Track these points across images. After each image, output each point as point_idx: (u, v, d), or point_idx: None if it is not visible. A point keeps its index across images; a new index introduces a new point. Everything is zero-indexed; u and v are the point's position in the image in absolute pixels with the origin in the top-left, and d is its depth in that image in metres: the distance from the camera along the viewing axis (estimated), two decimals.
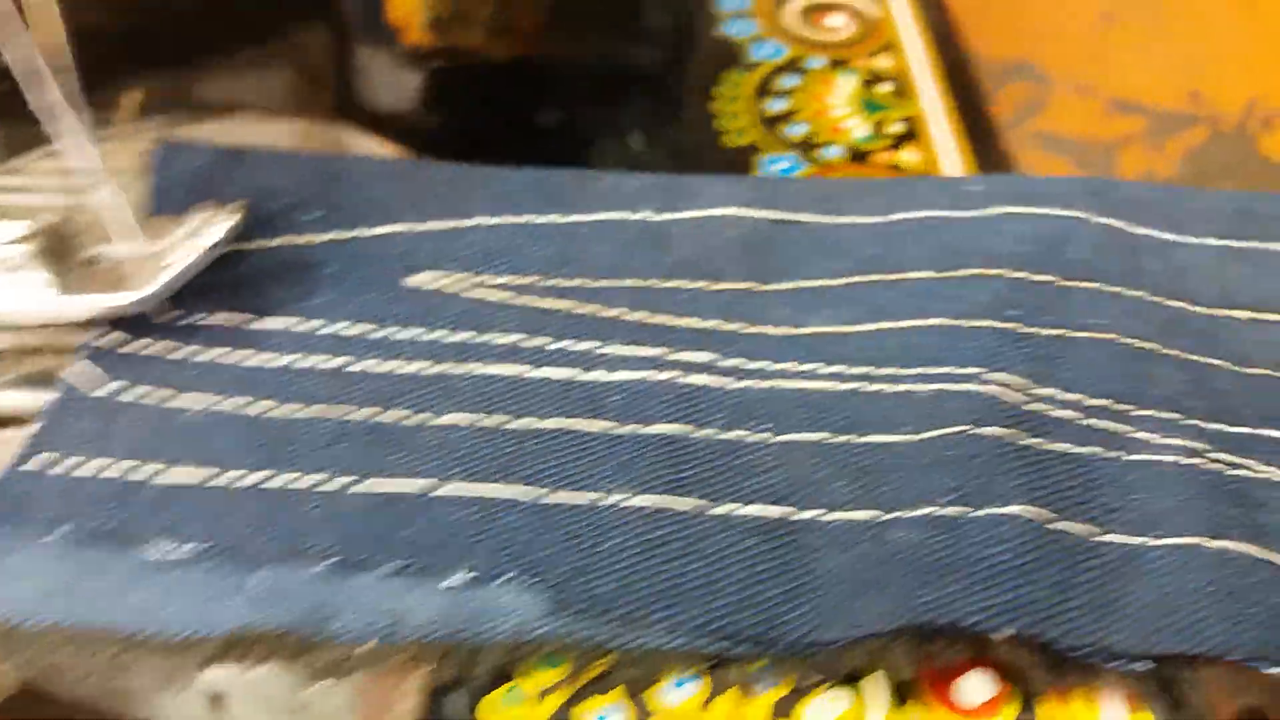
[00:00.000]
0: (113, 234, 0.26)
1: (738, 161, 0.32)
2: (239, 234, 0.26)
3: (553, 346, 0.26)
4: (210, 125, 0.35)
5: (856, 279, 0.28)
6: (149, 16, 0.35)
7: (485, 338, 0.26)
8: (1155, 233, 0.29)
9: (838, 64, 0.36)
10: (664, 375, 0.25)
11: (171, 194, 0.29)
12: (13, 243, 0.25)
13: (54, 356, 0.27)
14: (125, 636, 0.21)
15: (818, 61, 0.36)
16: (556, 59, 0.38)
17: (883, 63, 0.36)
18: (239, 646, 0.21)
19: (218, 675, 0.36)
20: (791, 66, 0.36)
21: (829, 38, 0.37)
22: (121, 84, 0.32)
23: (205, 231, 0.25)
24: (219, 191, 0.28)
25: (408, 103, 0.36)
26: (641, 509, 0.23)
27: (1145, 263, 0.28)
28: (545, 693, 0.21)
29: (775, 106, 0.34)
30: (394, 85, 0.36)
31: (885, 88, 0.35)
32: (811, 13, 0.38)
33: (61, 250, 0.26)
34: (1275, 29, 0.49)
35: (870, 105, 0.34)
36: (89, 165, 0.25)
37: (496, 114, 0.35)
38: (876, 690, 0.21)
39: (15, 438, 0.27)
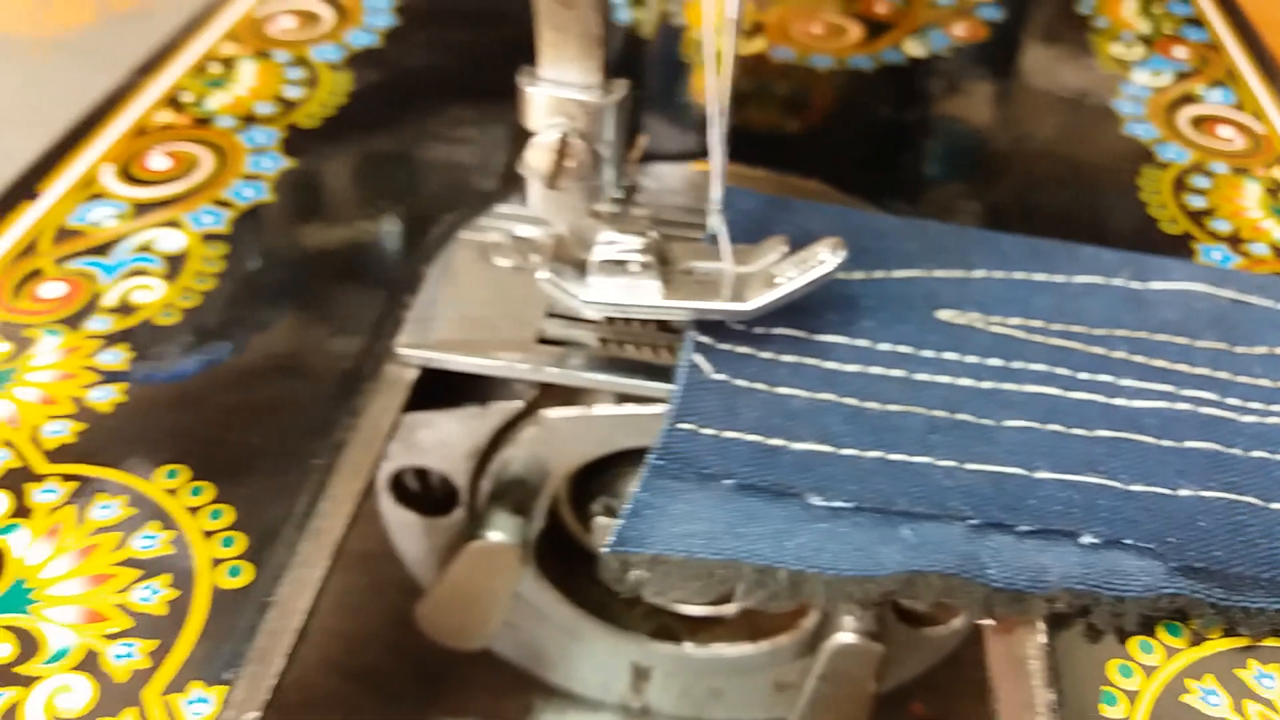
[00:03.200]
0: (715, 256, 0.31)
1: (1179, 246, 0.37)
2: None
3: (1078, 376, 0.31)
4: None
5: None
6: None
7: (1016, 364, 0.31)
8: None
9: (1239, 171, 0.41)
10: (1180, 406, 0.30)
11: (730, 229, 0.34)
12: (633, 252, 0.30)
13: (648, 349, 0.32)
14: (793, 572, 0.26)
15: (1220, 167, 0.41)
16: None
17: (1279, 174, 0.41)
18: (903, 587, 0.26)
19: (645, 650, 0.40)
20: (1198, 169, 0.40)
21: (1225, 147, 0.42)
22: None
23: (814, 260, 0.30)
24: (768, 230, 0.33)
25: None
26: (1214, 500, 0.27)
27: None
28: (1152, 669, 0.25)
29: (1195, 203, 0.39)
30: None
31: None
32: (1203, 122, 0.43)
33: (665, 261, 0.31)
34: None
35: (1279, 211, 0.39)
36: (715, 196, 0.30)
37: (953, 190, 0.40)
38: None
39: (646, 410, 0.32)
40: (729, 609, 0.40)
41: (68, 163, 0.36)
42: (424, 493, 0.37)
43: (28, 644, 0.24)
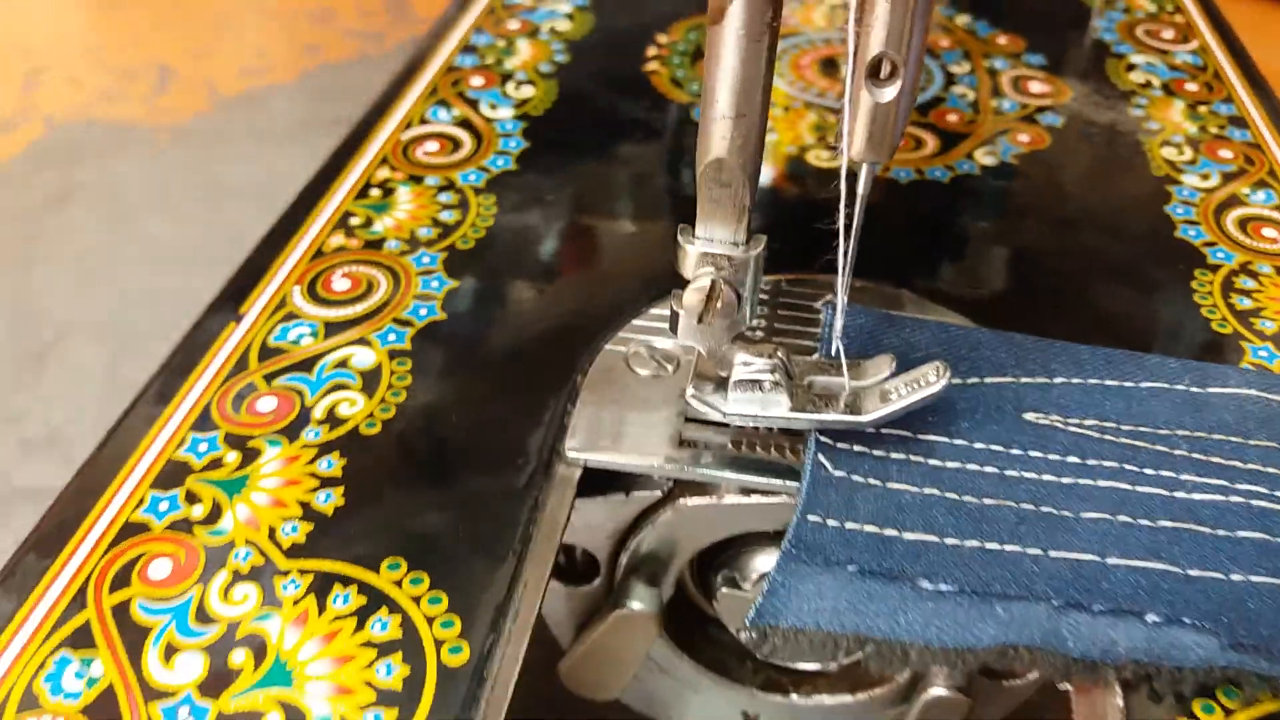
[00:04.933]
0: (831, 370, 0.37)
1: (1230, 344, 0.42)
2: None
3: (1144, 472, 0.36)
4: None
5: None
6: None
7: (1091, 461, 0.36)
8: None
9: None
10: (1234, 499, 0.35)
11: (834, 342, 0.39)
12: (764, 371, 0.36)
13: (773, 449, 0.37)
14: (904, 644, 0.31)
15: (1265, 268, 0.46)
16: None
17: None
18: (999, 657, 0.31)
19: (754, 701, 0.45)
20: (1245, 270, 0.45)
21: (1270, 248, 0.47)
22: None
23: (925, 381, 0.35)
24: (872, 345, 0.39)
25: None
26: (1262, 584, 0.32)
27: None
28: None
29: (1243, 303, 0.44)
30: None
31: None
32: (1249, 223, 0.48)
33: (790, 377, 0.36)
34: None
35: None
36: (838, 326, 0.36)
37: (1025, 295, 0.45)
38: None
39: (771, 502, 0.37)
40: (831, 665, 0.45)
41: (263, 285, 0.43)
42: (568, 564, 0.43)
43: (294, 715, 0.30)
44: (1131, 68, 0.60)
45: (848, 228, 0.33)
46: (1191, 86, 0.58)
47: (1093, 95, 0.57)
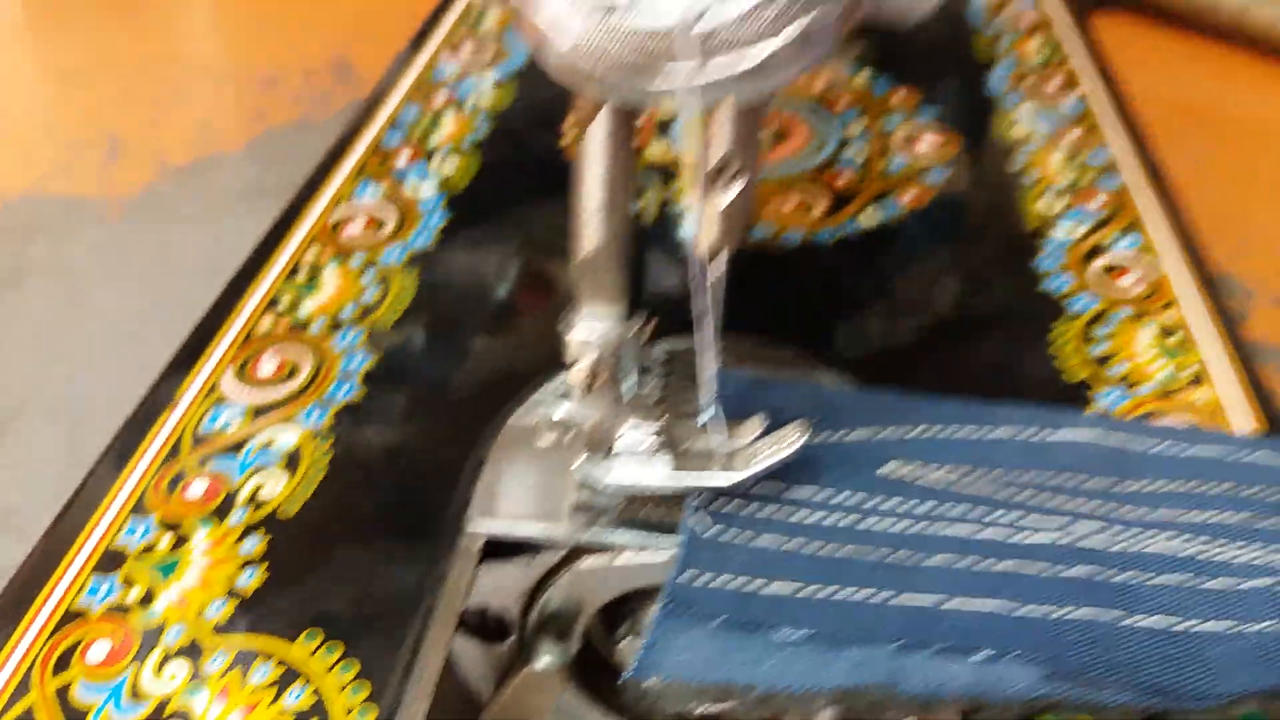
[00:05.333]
0: (708, 434, 0.40)
1: (1075, 394, 0.46)
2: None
3: (988, 517, 0.40)
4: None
5: (1186, 486, 0.41)
6: None
7: (942, 508, 0.40)
8: None
9: (1138, 316, 0.49)
10: (1068, 539, 0.39)
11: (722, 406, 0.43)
12: (649, 436, 0.39)
13: (662, 509, 0.41)
14: (764, 690, 0.35)
15: (1124, 312, 0.50)
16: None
17: (1169, 317, 0.49)
18: (844, 698, 0.35)
19: None
20: (1102, 317, 0.49)
21: (1125, 295, 0.51)
22: None
23: (786, 440, 0.39)
24: (748, 407, 0.43)
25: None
26: (1081, 619, 0.36)
27: None
28: None
29: (1097, 350, 0.48)
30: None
31: (1174, 339, 0.48)
32: (1110, 272, 0.52)
33: (672, 442, 0.40)
34: None
35: (1168, 352, 0.48)
36: (708, 390, 0.40)
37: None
38: None
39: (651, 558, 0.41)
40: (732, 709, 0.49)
41: (195, 370, 0.46)
42: (483, 624, 0.46)
43: None
44: (1016, 121, 0.64)
45: (703, 315, 0.36)
46: (1072, 135, 0.62)
47: (978, 149, 0.61)
